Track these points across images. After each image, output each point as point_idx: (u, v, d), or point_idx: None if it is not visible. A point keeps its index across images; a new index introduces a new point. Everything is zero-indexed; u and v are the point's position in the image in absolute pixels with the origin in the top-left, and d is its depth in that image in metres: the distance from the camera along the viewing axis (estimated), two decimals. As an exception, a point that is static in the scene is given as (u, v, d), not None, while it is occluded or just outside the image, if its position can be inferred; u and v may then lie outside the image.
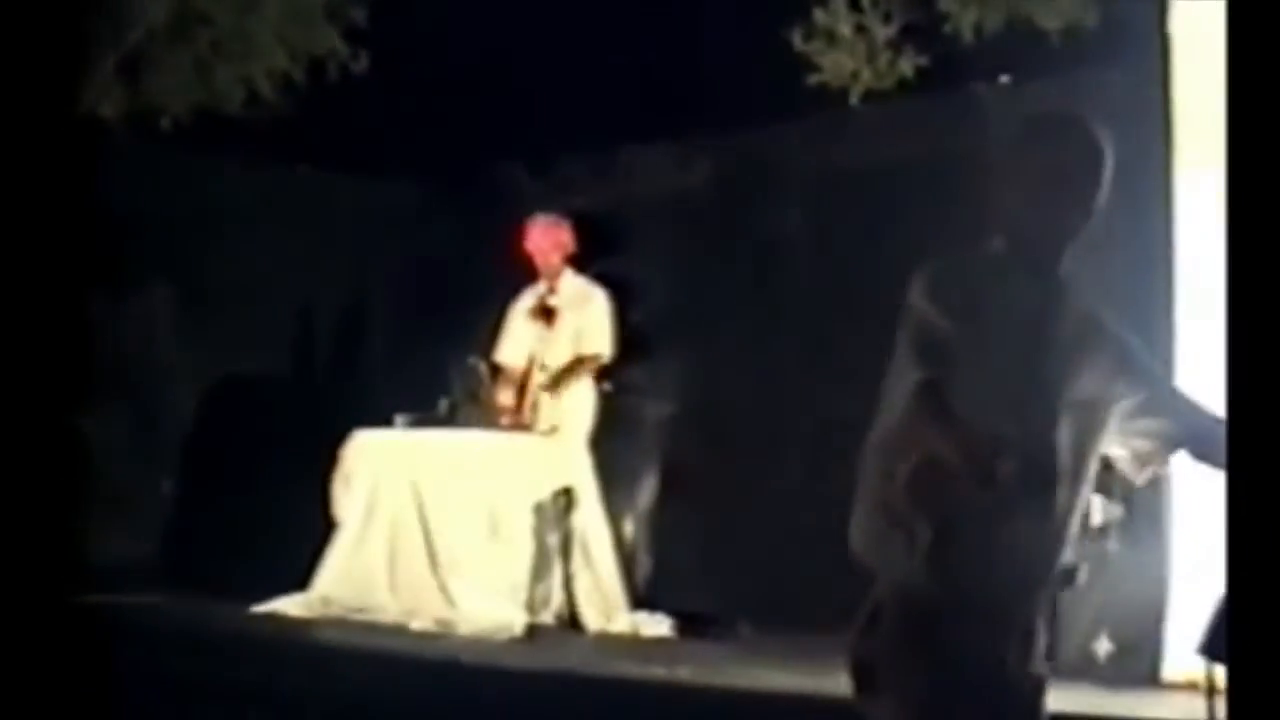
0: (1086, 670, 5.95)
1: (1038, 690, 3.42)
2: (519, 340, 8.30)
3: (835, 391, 7.88)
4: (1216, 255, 3.48)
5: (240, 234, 9.06)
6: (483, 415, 7.92)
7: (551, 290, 8.26)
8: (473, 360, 8.06)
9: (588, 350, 8.15)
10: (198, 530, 8.63)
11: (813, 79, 7.62)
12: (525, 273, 8.33)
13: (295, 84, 8.42)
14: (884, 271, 7.69)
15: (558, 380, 8.07)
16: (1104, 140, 3.40)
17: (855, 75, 7.66)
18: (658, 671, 6.19)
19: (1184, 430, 3.37)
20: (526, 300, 8.34)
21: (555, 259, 8.27)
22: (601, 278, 8.32)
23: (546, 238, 8.26)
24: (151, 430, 8.98)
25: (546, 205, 8.44)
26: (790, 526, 7.92)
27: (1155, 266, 6.24)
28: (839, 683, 5.71)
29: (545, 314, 8.23)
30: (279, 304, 9.49)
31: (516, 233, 8.27)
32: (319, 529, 7.85)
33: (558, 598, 7.74)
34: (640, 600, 7.96)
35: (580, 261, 8.35)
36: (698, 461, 8.41)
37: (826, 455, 7.85)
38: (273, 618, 7.53)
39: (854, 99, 7.71)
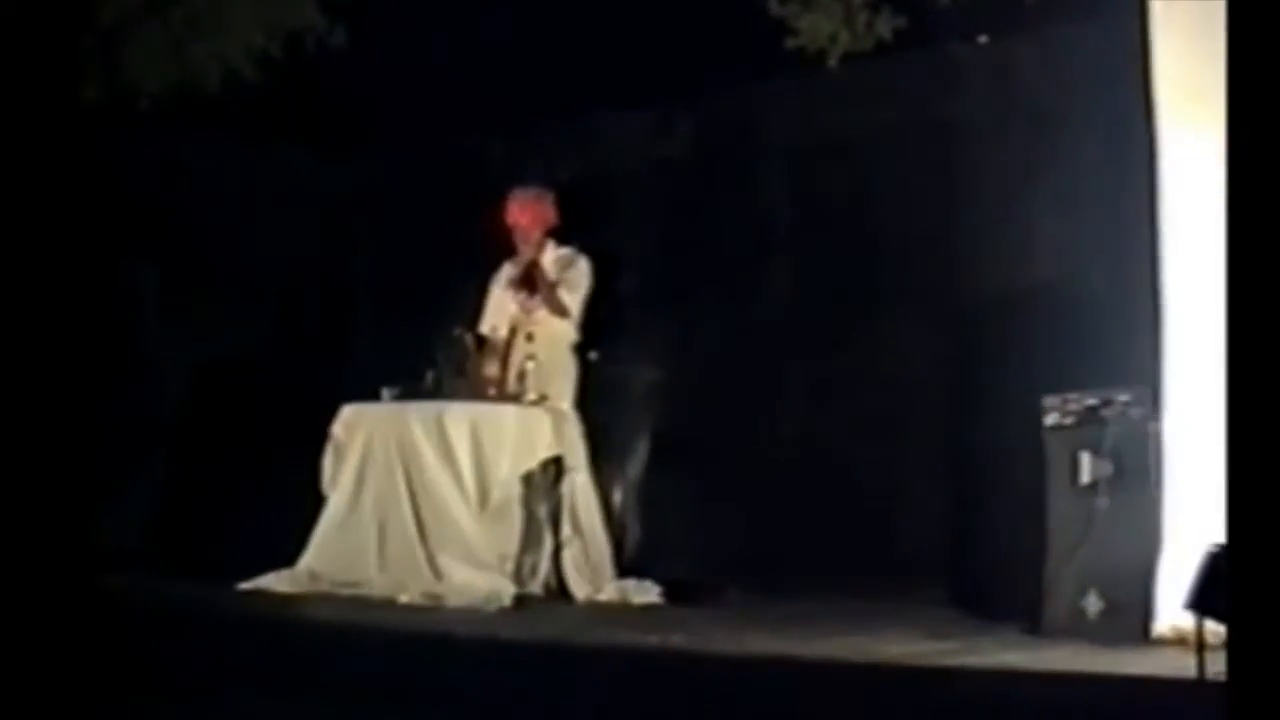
0: (1076, 628, 5.93)
1: None
2: (501, 311, 8.25)
3: (822, 355, 7.99)
4: (1200, 209, 3.43)
5: (223, 211, 9.01)
6: (469, 387, 7.86)
7: (534, 261, 8.19)
8: (457, 331, 7.98)
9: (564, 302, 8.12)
10: (184, 507, 8.61)
11: (790, 42, 7.66)
12: (507, 243, 8.26)
13: (273, 59, 8.41)
14: (866, 233, 7.97)
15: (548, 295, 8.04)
16: None
17: (833, 38, 7.71)
18: (650, 640, 6.16)
19: None
20: (508, 270, 8.29)
21: (535, 233, 8.20)
22: (585, 248, 8.25)
23: (526, 212, 8.18)
24: (137, 409, 8.95)
25: (526, 175, 8.37)
26: (779, 492, 7.96)
27: (1139, 222, 6.23)
28: (829, 646, 5.86)
29: (527, 283, 8.18)
30: (263, 280, 9.43)
31: (498, 204, 8.20)
32: (306, 504, 7.79)
33: (546, 568, 7.72)
34: (629, 568, 7.94)
35: (562, 233, 8.28)
36: (686, 428, 8.39)
37: (815, 420, 7.97)
38: (260, 594, 7.47)
39: (832, 61, 7.75)
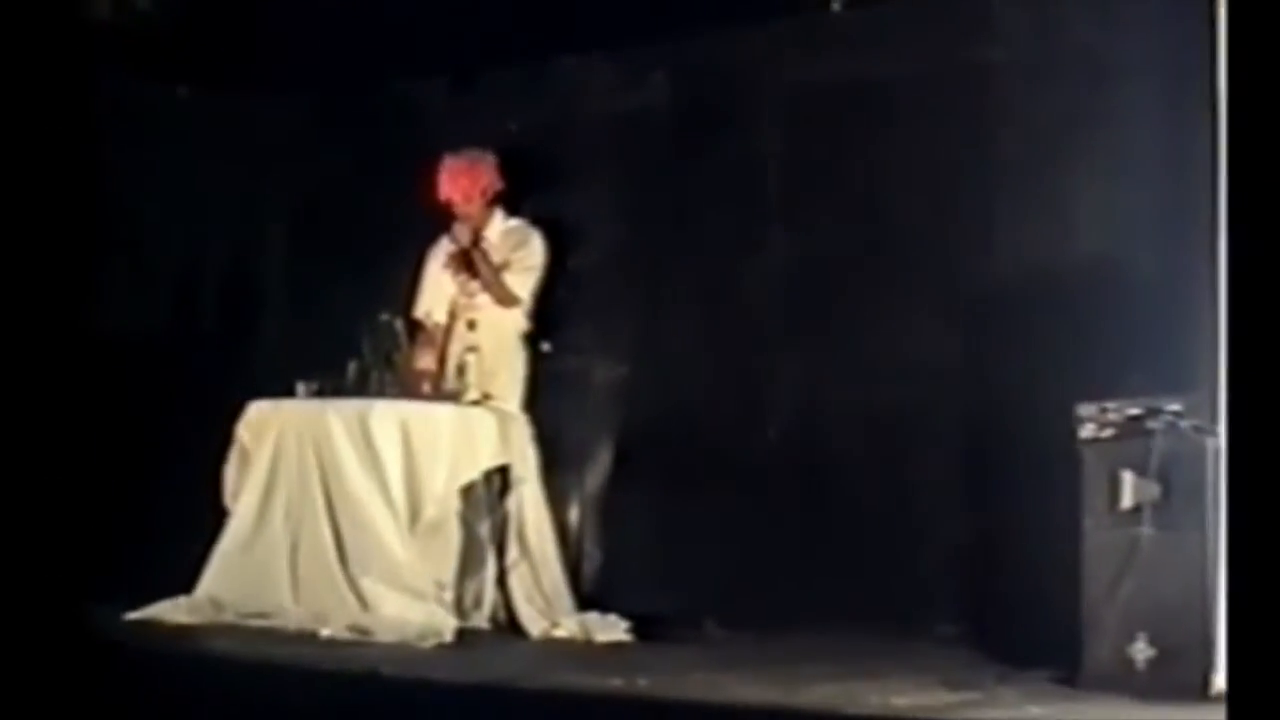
0: (1121, 679, 5.69)
1: None
2: (439, 293, 8.10)
3: (819, 348, 7.95)
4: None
5: (106, 165, 8.48)
6: (399, 381, 7.70)
7: (477, 234, 8.03)
8: (386, 316, 7.81)
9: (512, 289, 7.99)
10: (61, 521, 8.50)
11: (792, -24, 7.35)
12: (446, 213, 8.10)
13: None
14: (874, 204, 7.67)
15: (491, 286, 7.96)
16: None
17: (846, -30, 7.42)
18: (613, 683, 6.05)
19: None
20: (447, 245, 8.09)
21: (474, 205, 8.04)
22: (538, 218, 8.12)
23: (459, 184, 8.02)
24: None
25: (471, 129, 8.23)
26: (765, 509, 7.90)
27: (1200, 195, 6.13)
28: (822, 693, 5.77)
29: (469, 261, 8.02)
30: (156, 250, 9.30)
31: (434, 166, 8.04)
32: (206, 519, 7.64)
33: (491, 597, 7.58)
34: (589, 598, 7.82)
35: (511, 199, 8.12)
36: (655, 433, 8.25)
37: (808, 425, 7.93)
38: (152, 625, 7.31)
39: (836, 4, 7.67)
